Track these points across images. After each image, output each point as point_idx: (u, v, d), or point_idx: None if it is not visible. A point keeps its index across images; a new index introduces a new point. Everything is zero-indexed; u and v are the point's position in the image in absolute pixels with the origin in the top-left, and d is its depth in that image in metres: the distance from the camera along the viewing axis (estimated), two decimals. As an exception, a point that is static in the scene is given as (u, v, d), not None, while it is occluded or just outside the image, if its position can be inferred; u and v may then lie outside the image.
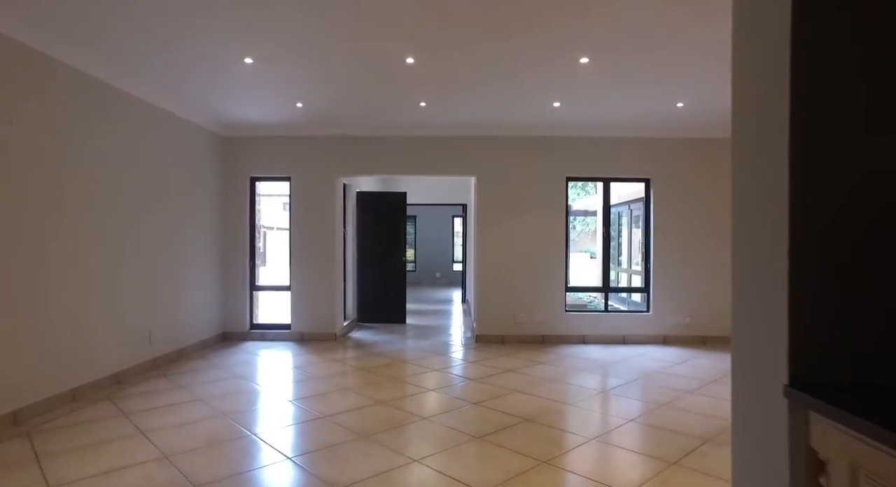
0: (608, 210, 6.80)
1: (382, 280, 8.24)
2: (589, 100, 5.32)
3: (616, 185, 7.04)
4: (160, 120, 5.27)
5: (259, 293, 7.70)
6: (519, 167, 6.69)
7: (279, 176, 6.81)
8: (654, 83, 4.80)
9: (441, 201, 11.12)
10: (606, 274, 6.83)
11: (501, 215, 6.69)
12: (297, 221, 6.76)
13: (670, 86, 4.86)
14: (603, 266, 6.85)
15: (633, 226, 9.59)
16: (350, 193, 7.85)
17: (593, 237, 25.31)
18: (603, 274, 6.84)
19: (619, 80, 4.70)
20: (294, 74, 4.59)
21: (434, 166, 6.75)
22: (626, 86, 4.90)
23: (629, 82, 4.77)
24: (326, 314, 6.73)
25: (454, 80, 4.76)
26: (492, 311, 6.68)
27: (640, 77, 4.62)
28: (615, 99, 5.27)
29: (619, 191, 9.81)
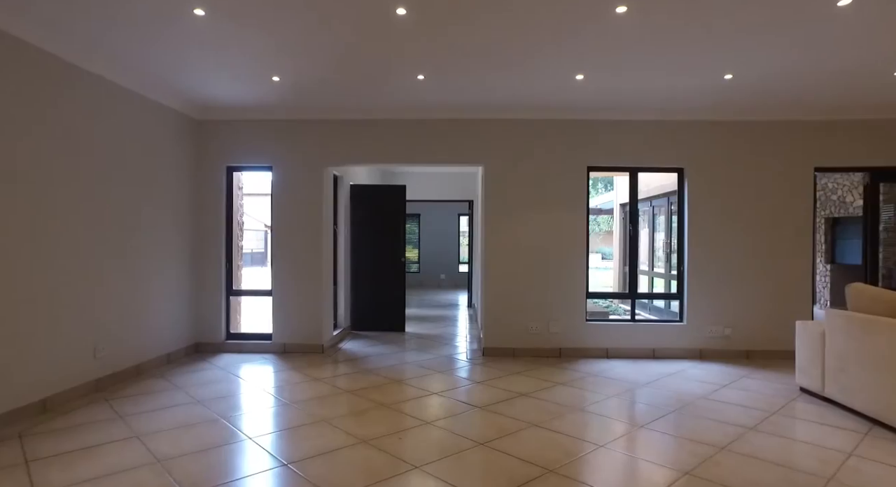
0: (635, 205, 5.93)
1: (379, 283, 7.41)
2: (619, 70, 4.46)
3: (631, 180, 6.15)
4: (118, 98, 4.46)
5: (243, 299, 6.89)
6: (533, 156, 5.83)
7: (259, 165, 5.99)
8: (701, 47, 3.92)
9: (445, 197, 10.28)
10: (633, 278, 5.96)
11: (513, 211, 5.83)
12: (280, 217, 5.94)
13: (720, 51, 3.99)
14: (629, 269, 5.98)
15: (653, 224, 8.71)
16: (342, 186, 7.03)
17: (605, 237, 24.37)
18: (630, 278, 5.97)
19: (659, 41, 3.83)
20: (261, 35, 3.75)
21: (436, 154, 5.91)
22: (665, 51, 4.03)
23: (671, 45, 3.90)
24: (312, 323, 5.90)
25: (456, 44, 3.91)
26: (502, 320, 5.83)
27: (686, 37, 3.75)
28: (650, 68, 4.40)
29: (648, 182, 8.92)
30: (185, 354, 5.63)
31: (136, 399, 4.10)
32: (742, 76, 4.52)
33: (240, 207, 7.15)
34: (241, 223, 7.18)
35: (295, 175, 5.90)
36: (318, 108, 5.73)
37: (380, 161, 6.02)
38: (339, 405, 4.05)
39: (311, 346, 5.88)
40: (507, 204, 5.84)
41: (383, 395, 4.28)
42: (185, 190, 5.66)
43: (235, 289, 6.11)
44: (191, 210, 5.76)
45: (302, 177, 5.90)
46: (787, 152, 5.69)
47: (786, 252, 5.68)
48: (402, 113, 5.78)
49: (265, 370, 5.15)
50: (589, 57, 4.14)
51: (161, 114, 5.19)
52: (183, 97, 5.31)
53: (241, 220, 7.16)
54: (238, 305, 6.95)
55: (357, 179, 7.71)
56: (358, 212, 7.45)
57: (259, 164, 5.97)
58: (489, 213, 5.86)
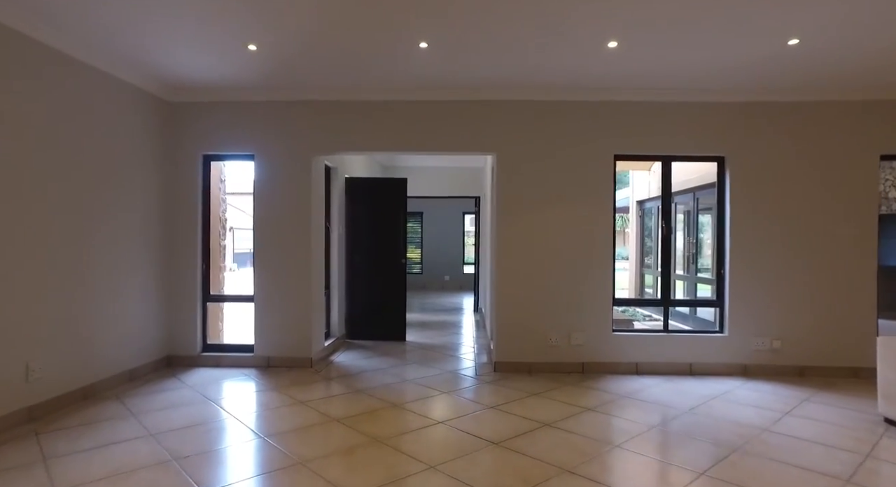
0: (669, 199, 5.18)
1: (377, 286, 6.68)
2: (661, 35, 3.72)
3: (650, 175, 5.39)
4: (67, 71, 3.75)
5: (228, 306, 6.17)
6: (552, 143, 5.09)
7: (239, 153, 5.26)
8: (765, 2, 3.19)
9: (450, 193, 9.55)
10: (667, 283, 5.22)
11: (528, 206, 5.10)
12: (263, 212, 5.21)
13: (791, 6, 3.25)
14: (663, 273, 5.23)
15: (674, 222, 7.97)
16: (336, 179, 6.31)
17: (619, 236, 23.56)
18: (662, 283, 5.22)
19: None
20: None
21: (442, 141, 5.17)
22: (721, 5, 3.28)
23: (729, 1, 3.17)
24: (300, 333, 5.18)
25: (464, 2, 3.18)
26: (516, 331, 5.10)
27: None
28: (698, 30, 3.65)
29: (657, 180, 8.16)
30: (153, 370, 4.90)
31: (74, 432, 3.37)
32: (810, 42, 3.76)
33: (222, 202, 6.44)
34: (223, 220, 6.47)
35: (280, 164, 5.18)
36: (305, 88, 5.00)
37: (377, 149, 5.29)
38: (325, 439, 3.31)
39: (299, 360, 5.15)
40: (523, 198, 5.10)
41: (378, 425, 3.55)
42: (155, 181, 4.94)
43: (213, 295, 5.38)
44: (161, 204, 5.04)
45: (288, 166, 5.18)
46: (848, 138, 4.93)
47: (846, 252, 4.92)
48: (402, 93, 5.05)
49: (243, 389, 4.43)
50: (626, 14, 3.40)
51: (125, 94, 4.47)
52: (150, 73, 4.59)
53: (223, 217, 6.45)
54: (219, 312, 6.24)
55: (353, 172, 6.99)
56: (354, 207, 6.72)
57: (239, 152, 5.25)
58: (502, 209, 5.13)
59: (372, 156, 8.24)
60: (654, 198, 9.02)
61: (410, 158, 8.85)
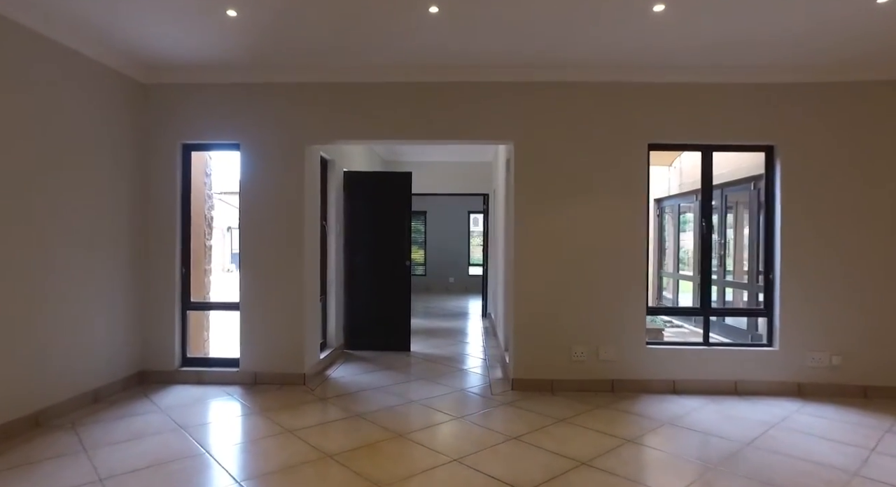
0: (709, 194, 4.56)
1: (379, 291, 6.08)
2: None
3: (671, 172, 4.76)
4: (23, 46, 3.16)
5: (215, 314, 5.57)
6: (578, 130, 4.48)
7: (223, 142, 4.66)
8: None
9: (456, 191, 8.95)
10: (706, 290, 4.59)
11: (550, 202, 4.49)
12: (250, 209, 4.61)
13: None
14: (702, 279, 4.61)
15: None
16: (333, 172, 5.70)
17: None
18: (702, 290, 4.60)
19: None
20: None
21: (452, 129, 4.56)
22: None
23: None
24: (292, 345, 4.57)
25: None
26: (536, 344, 4.49)
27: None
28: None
29: (678, 177, 7.56)
30: (123, 388, 4.30)
31: (5, 478, 2.77)
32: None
33: (208, 199, 5.85)
34: (209, 218, 5.87)
35: (269, 155, 4.57)
36: (296, 67, 4.40)
37: (380, 137, 4.68)
38: (317, 485, 2.71)
39: (290, 376, 4.55)
40: (544, 193, 4.49)
41: (380, 464, 2.94)
42: (126, 173, 4.33)
43: (194, 302, 4.77)
44: (134, 200, 4.44)
45: (278, 157, 4.57)
46: (918, 123, 4.31)
47: (916, 255, 4.31)
48: (408, 73, 4.44)
49: (223, 413, 3.83)
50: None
51: (90, 73, 3.87)
52: (118, 48, 3.98)
53: (209, 215, 5.85)
54: (204, 321, 5.65)
55: (352, 165, 6.38)
56: (353, 204, 6.12)
57: (223, 141, 4.64)
58: (520, 205, 4.52)
59: (372, 149, 7.64)
60: (675, 195, 8.38)
61: (414, 152, 8.24)
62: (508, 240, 4.99)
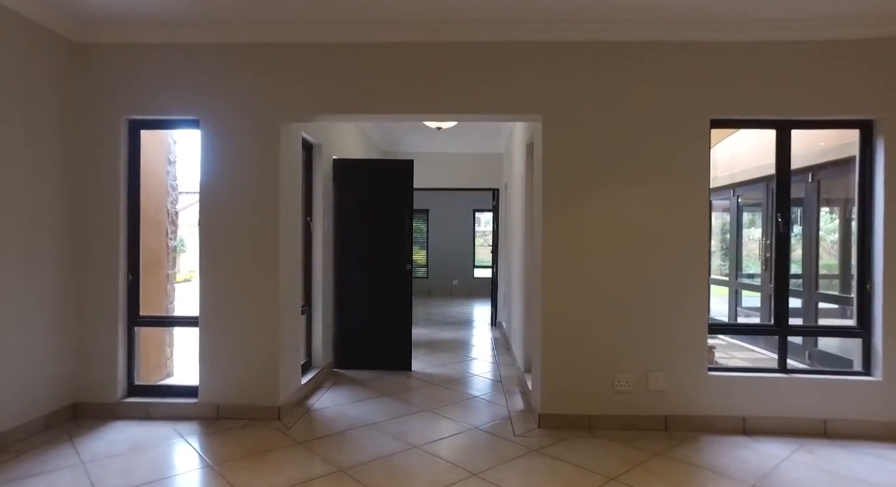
0: (786, 182, 3.63)
1: (375, 300, 5.17)
2: None
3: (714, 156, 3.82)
4: None
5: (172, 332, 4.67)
6: (622, 102, 3.56)
7: (179, 117, 3.74)
8: None
9: (463, 185, 8.04)
10: (782, 301, 3.66)
11: (587, 191, 3.57)
12: (212, 200, 3.69)
13: None
14: (777, 288, 3.68)
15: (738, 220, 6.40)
16: (320, 160, 4.78)
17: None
18: (776, 302, 3.67)
19: None
20: None
21: (465, 100, 3.64)
22: None
23: None
24: (263, 370, 3.66)
25: None
26: (569, 370, 3.57)
27: None
28: None
29: (727, 164, 6.62)
30: (46, 427, 3.38)
31: None
32: None
33: (171, 190, 4.96)
34: (172, 213, 4.97)
35: (236, 134, 3.66)
36: (269, 24, 3.48)
37: (374, 111, 3.75)
38: None
39: (262, 409, 3.64)
40: (579, 179, 3.57)
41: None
42: (52, 155, 3.42)
43: (144, 317, 3.85)
44: (62, 190, 3.53)
45: (247, 137, 3.66)
46: None
47: None
48: (410, 30, 3.52)
49: (164, 466, 2.91)
50: None
51: (3, 27, 2.97)
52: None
53: (171, 209, 4.95)
54: (166, 337, 4.76)
55: (343, 151, 5.46)
56: (345, 197, 5.20)
57: (179, 117, 3.73)
58: (550, 196, 3.60)
59: (369, 137, 6.72)
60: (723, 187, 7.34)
61: (416, 142, 7.33)
62: (533, 239, 4.08)
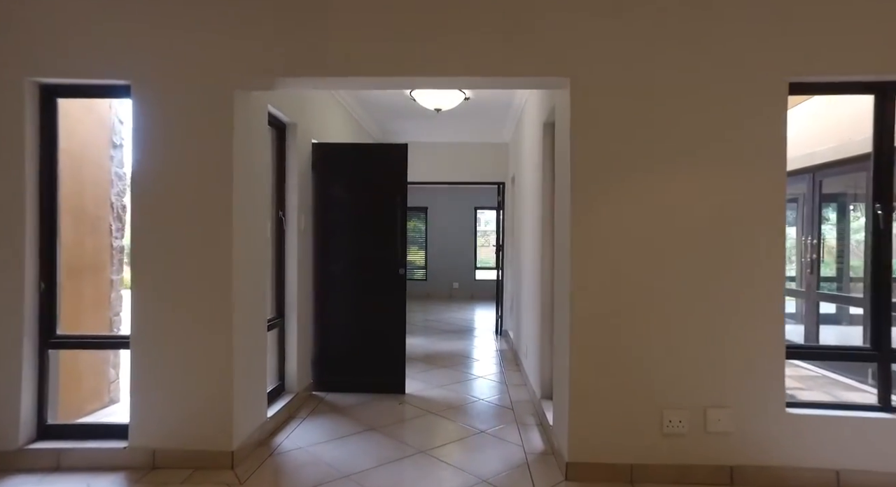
0: (887, 159, 2.80)
1: (363, 311, 4.37)
2: None
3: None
4: None
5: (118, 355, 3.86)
6: (672, 60, 2.75)
7: (103, 81, 2.92)
8: None
9: (464, 179, 7.23)
10: (882, 320, 2.83)
11: (627, 178, 2.76)
12: (147, 189, 2.87)
13: None
14: (875, 301, 2.85)
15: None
16: (295, 142, 3.96)
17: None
18: (875, 319, 2.84)
19: None
20: None
21: (471, 58, 2.83)
22: None
23: None
24: (211, 405, 2.85)
25: None
26: (603, 405, 2.76)
27: None
28: None
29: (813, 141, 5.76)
30: (-82, 487, 2.58)
31: None
32: None
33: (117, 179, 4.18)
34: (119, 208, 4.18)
35: (177, 104, 2.84)
36: (217, -45, 2.68)
37: (352, 72, 2.91)
38: None
39: (210, 456, 2.82)
40: (617, 162, 2.76)
41: None
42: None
43: (61, 337, 3.02)
44: (-49, 172, 2.72)
45: (192, 108, 2.85)
46: None
47: None
48: (397, -34, 2.72)
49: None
50: None
51: None
52: None
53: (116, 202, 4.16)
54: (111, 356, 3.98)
55: (324, 134, 4.65)
56: (327, 189, 4.39)
57: (105, 81, 2.91)
58: (580, 184, 2.78)
59: (358, 120, 5.90)
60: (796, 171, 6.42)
61: (412, 128, 6.52)
62: (556, 240, 3.27)
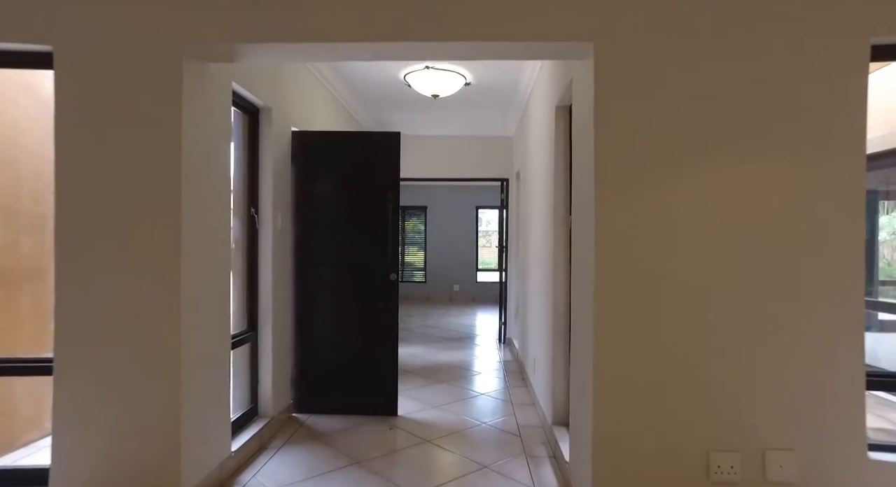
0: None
1: (350, 321, 3.84)
2: None
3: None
4: None
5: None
6: (723, 21, 2.21)
7: (17, 47, 2.39)
8: None
9: (464, 175, 6.70)
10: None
11: (663, 166, 2.21)
12: (72, 179, 2.35)
13: None
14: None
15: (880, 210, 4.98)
16: (270, 129, 3.42)
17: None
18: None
19: None
20: None
21: (474, 17, 2.30)
22: None
23: None
24: (154, 442, 2.31)
25: None
26: (633, 441, 2.21)
27: None
28: None
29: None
30: None
31: None
32: None
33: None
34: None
35: (111, 75, 2.31)
36: None
37: (328, 38, 2.38)
38: None
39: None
40: (651, 148, 2.22)
41: None
42: None
43: (-24, 358, 2.50)
44: None
45: (129, 79, 2.32)
46: None
47: None
48: None
49: None
50: None
51: None
52: None
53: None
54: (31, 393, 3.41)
55: (305, 120, 4.11)
56: (308, 183, 3.86)
57: (20, 46, 2.37)
58: (605, 170, 2.23)
59: (349, 109, 5.36)
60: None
61: (408, 120, 6.00)
62: (578, 237, 2.74)
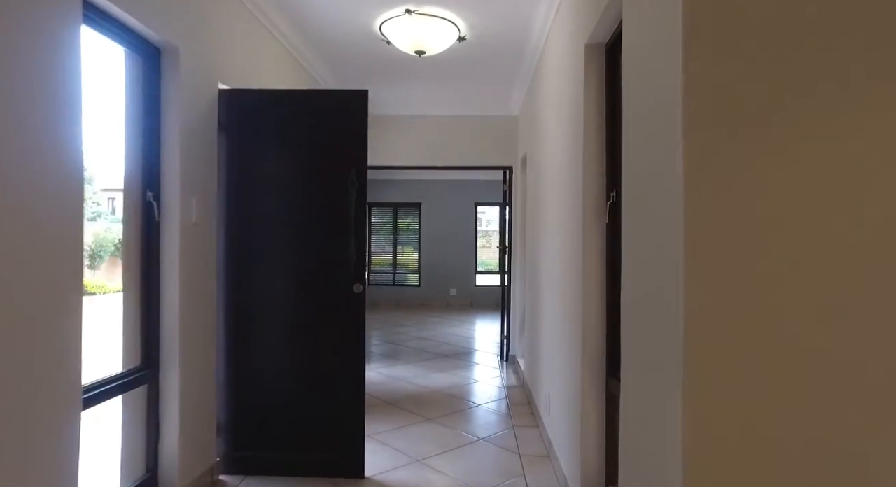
0: None
1: (300, 350, 2.81)
2: None
3: None
4: None
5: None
6: None
7: None
8: None
9: (463, 162, 5.67)
10: None
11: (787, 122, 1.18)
12: None
13: None
14: None
15: None
16: (178, 82, 2.38)
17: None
18: None
19: None
20: None
21: None
22: None
23: None
24: None
25: None
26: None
27: None
28: None
29: None
30: None
31: None
32: None
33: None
34: None
35: None
36: None
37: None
38: None
39: None
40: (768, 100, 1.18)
41: None
42: None
43: None
44: None
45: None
46: None
47: None
48: None
49: None
50: None
51: None
52: None
53: None
54: None
55: (245, 79, 3.08)
56: (242, 159, 2.84)
57: None
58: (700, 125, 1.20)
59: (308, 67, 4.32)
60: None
61: (389, 95, 4.96)
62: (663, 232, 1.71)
